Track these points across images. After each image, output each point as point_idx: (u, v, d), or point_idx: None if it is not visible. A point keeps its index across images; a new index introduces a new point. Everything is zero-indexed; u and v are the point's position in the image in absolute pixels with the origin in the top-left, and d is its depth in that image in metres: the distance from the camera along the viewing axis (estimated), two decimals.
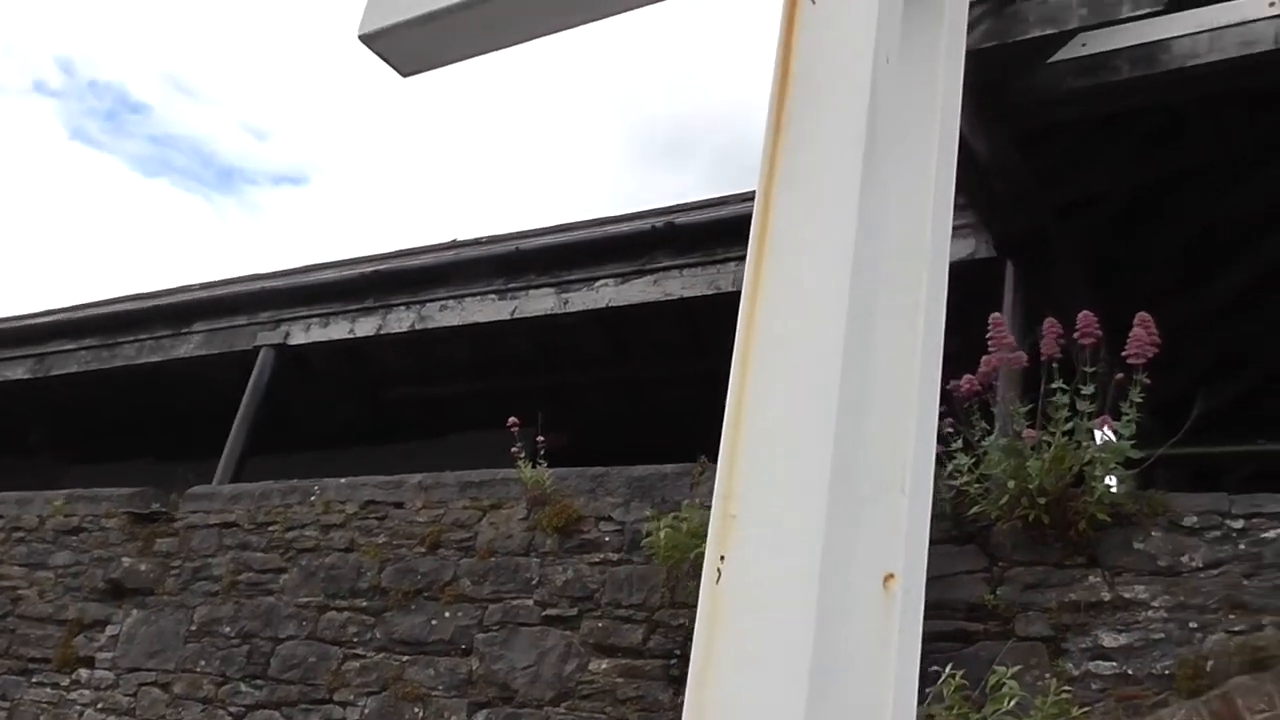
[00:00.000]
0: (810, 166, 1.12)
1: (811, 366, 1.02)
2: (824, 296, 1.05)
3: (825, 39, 1.18)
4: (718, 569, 1.00)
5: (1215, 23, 4.89)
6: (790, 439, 1.01)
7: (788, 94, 1.17)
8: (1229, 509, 4.54)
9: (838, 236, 1.07)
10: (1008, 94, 5.41)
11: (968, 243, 6.35)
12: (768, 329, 1.06)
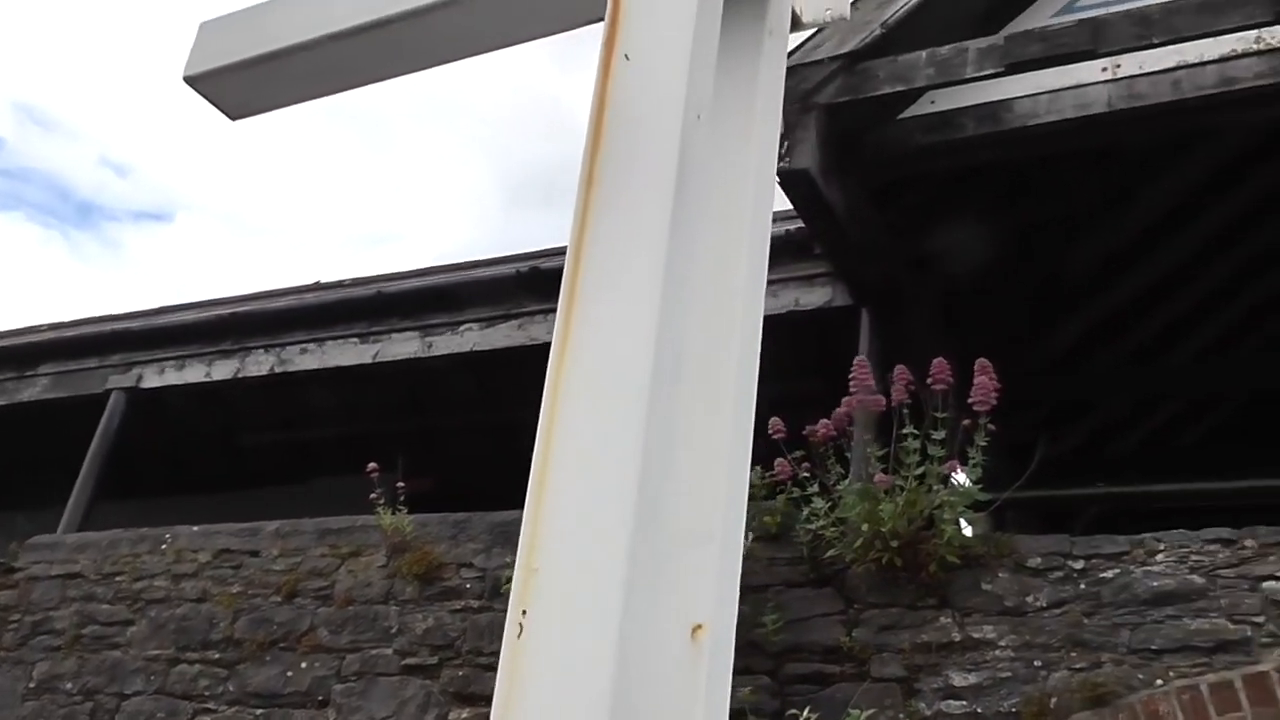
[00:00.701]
0: (620, 220, 1.13)
1: (616, 419, 1.03)
2: (629, 349, 1.06)
3: (637, 94, 1.20)
4: (519, 624, 0.99)
5: (1053, 85, 5.12)
6: (593, 491, 1.01)
7: (600, 148, 1.18)
8: (1071, 550, 4.70)
9: (644, 290, 1.08)
10: (861, 148, 5.57)
11: (825, 290, 6.49)
12: (574, 382, 1.06)
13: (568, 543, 1.00)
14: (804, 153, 5.23)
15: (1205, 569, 4.40)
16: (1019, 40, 4.99)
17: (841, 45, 5.37)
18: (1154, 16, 4.71)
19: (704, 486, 1.14)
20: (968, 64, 5.03)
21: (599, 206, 1.15)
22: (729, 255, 1.26)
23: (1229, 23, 4.57)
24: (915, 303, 6.42)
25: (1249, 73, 4.81)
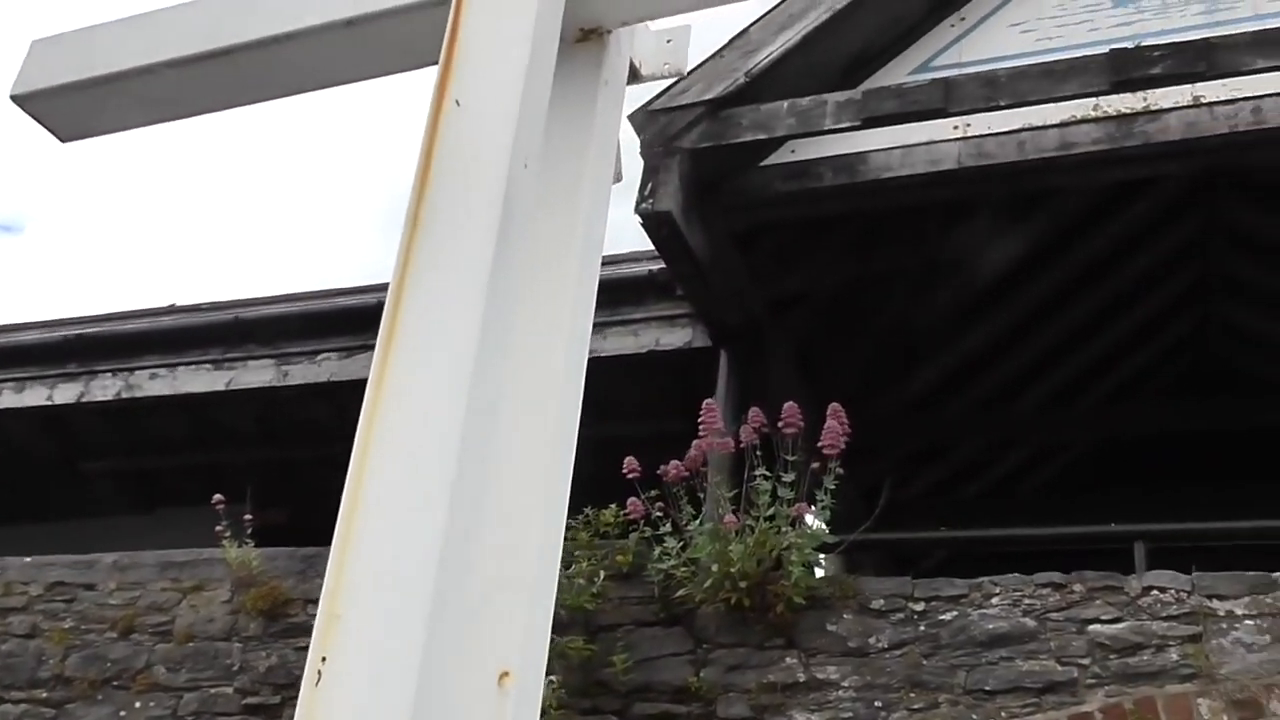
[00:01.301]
0: (441, 265, 1.14)
1: (425, 465, 1.03)
2: (443, 392, 1.06)
3: (466, 140, 1.21)
4: (318, 671, 0.98)
5: (907, 140, 5.29)
6: (399, 537, 1.01)
7: (426, 191, 1.19)
8: (912, 593, 4.82)
9: (462, 336, 1.09)
10: (724, 193, 5.67)
11: (686, 331, 6.57)
12: (386, 427, 1.06)
13: (371, 589, 1.00)
14: (667, 195, 5.29)
15: (1037, 612, 4.56)
16: (876, 96, 5.15)
17: (707, 91, 5.47)
18: (1001, 80, 4.92)
19: (517, 532, 1.14)
20: (826, 116, 5.17)
21: (421, 250, 1.15)
22: (554, 303, 1.27)
23: (1068, 90, 4.80)
24: (775, 345, 6.53)
25: (1087, 138, 5.05)
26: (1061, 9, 5.48)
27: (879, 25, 5.63)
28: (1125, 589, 4.60)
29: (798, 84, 5.51)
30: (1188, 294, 9.44)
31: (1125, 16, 5.33)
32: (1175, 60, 4.69)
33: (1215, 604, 4.46)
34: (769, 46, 5.45)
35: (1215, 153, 5.15)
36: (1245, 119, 4.85)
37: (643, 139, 5.45)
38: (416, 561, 0.99)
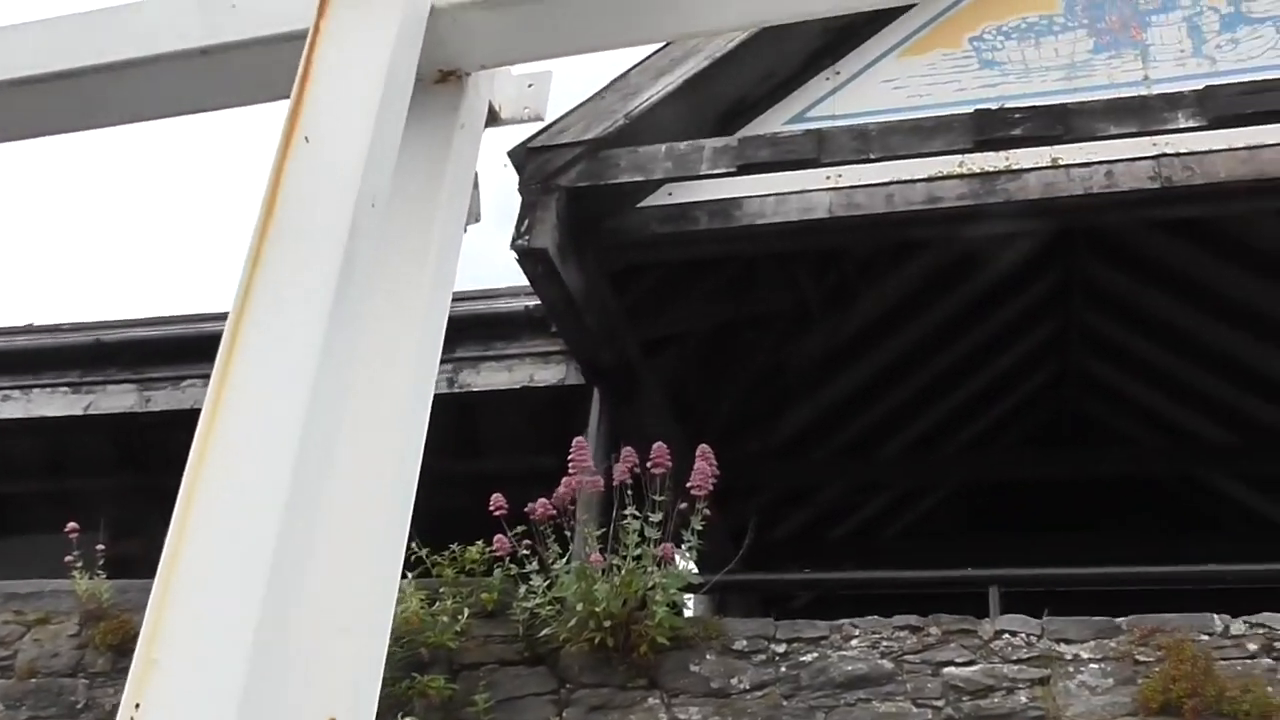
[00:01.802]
0: (280, 305, 1.12)
1: (255, 508, 1.01)
2: (276, 436, 1.04)
3: (313, 177, 1.20)
4: (131, 718, 0.95)
5: (781, 188, 5.40)
6: (223, 580, 0.98)
7: (270, 227, 1.17)
8: (774, 634, 4.87)
9: (297, 378, 1.07)
10: (601, 232, 5.70)
11: (560, 368, 6.57)
12: (214, 467, 1.03)
13: (191, 634, 0.97)
14: (543, 232, 5.30)
15: (894, 654, 4.65)
16: (751, 143, 5.25)
17: (586, 131, 5.51)
18: (872, 134, 5.06)
19: (349, 577, 1.13)
20: (703, 161, 5.25)
21: (261, 288, 1.14)
22: (399, 345, 1.26)
23: (935, 147, 4.96)
24: (648, 385, 6.58)
25: (952, 194, 5.22)
26: (931, 68, 5.67)
27: (757, 75, 5.75)
28: (979, 632, 4.72)
29: (676, 128, 5.58)
30: (1047, 346, 9.80)
31: (990, 78, 5.54)
32: (1035, 123, 4.89)
33: (1063, 647, 4.60)
34: (648, 90, 5.52)
35: (1071, 213, 5.37)
36: (1099, 182, 5.07)
37: (521, 175, 5.46)
38: (239, 607, 0.97)
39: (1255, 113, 4.67)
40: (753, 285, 6.82)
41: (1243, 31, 5.32)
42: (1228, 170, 4.95)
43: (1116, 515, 10.31)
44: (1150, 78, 5.31)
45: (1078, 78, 5.41)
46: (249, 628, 0.96)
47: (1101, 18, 5.55)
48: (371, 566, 1.13)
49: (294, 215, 1.18)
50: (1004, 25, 5.65)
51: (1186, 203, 5.23)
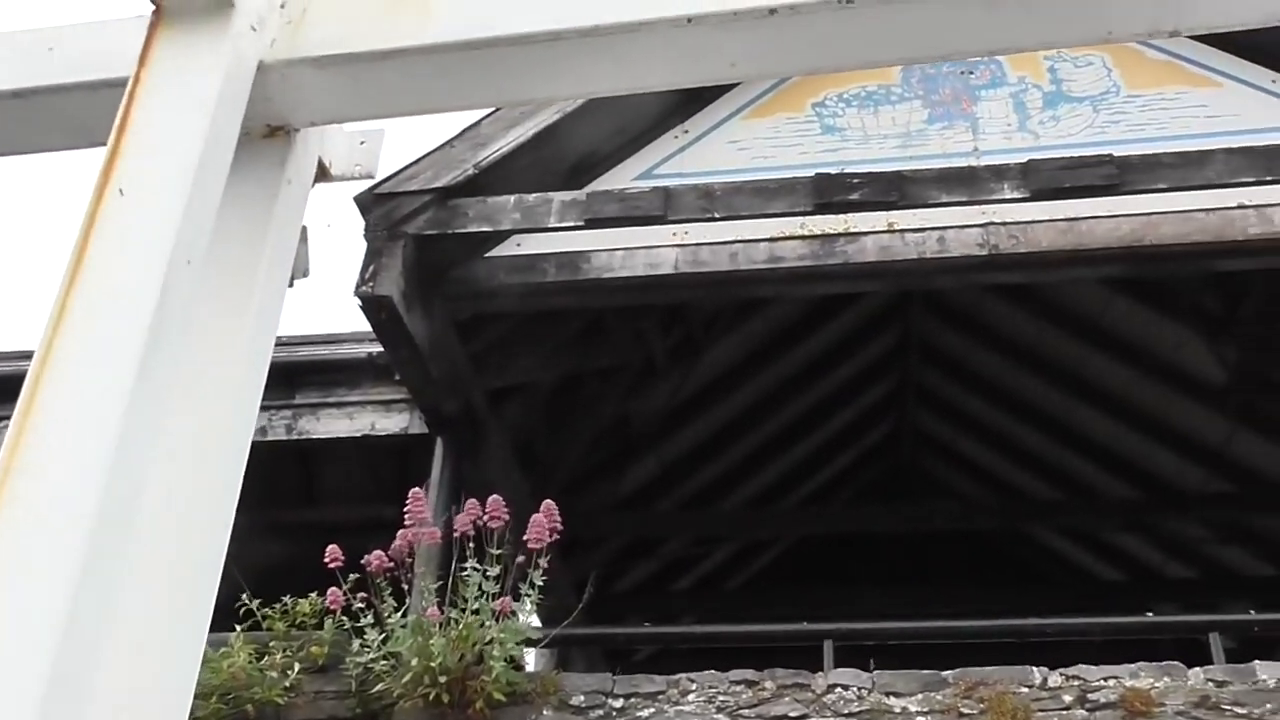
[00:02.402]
0: (85, 361, 1.09)
1: (42, 578, 0.97)
2: (71, 498, 1.01)
3: (126, 231, 1.17)
4: None
5: (628, 243, 5.46)
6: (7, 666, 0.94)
7: (78, 278, 1.14)
8: (612, 689, 4.86)
9: (101, 434, 1.04)
10: (448, 281, 5.66)
11: (403, 417, 6.48)
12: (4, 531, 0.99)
13: None
14: (388, 280, 5.24)
15: (730, 709, 4.69)
16: (599, 198, 5.31)
17: (435, 179, 5.49)
18: (717, 193, 5.17)
19: (139, 660, 1.09)
20: (551, 214, 5.28)
21: (64, 341, 1.10)
22: (211, 404, 1.23)
23: (777, 208, 5.09)
24: (493, 435, 6.53)
25: (793, 254, 5.36)
26: (775, 131, 5.83)
27: (607, 130, 5.82)
28: (813, 686, 4.79)
29: (526, 179, 5.60)
30: (885, 403, 10.10)
31: (832, 144, 5.72)
32: (872, 188, 5.06)
33: (892, 700, 4.71)
34: (499, 141, 5.54)
35: (906, 276, 5.57)
36: (932, 247, 5.28)
37: (367, 221, 5.40)
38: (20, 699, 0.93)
39: (1073, 186, 4.93)
40: (600, 338, 6.86)
41: (1063, 109, 5.63)
42: (1049, 240, 5.21)
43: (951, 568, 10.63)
44: (979, 149, 5.56)
45: (913, 146, 5.64)
46: (39, 699, 0.92)
47: (935, 90, 5.80)
48: (171, 637, 1.10)
49: (104, 269, 1.15)
50: (845, 93, 5.86)
51: (1012, 269, 5.48)
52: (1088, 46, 5.38)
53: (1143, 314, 7.68)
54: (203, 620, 1.15)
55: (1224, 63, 5.64)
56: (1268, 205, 5.12)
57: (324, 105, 1.42)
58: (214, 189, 1.25)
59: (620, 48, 1.37)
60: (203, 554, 1.16)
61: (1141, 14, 1.42)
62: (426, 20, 1.37)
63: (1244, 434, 7.96)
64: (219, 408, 1.24)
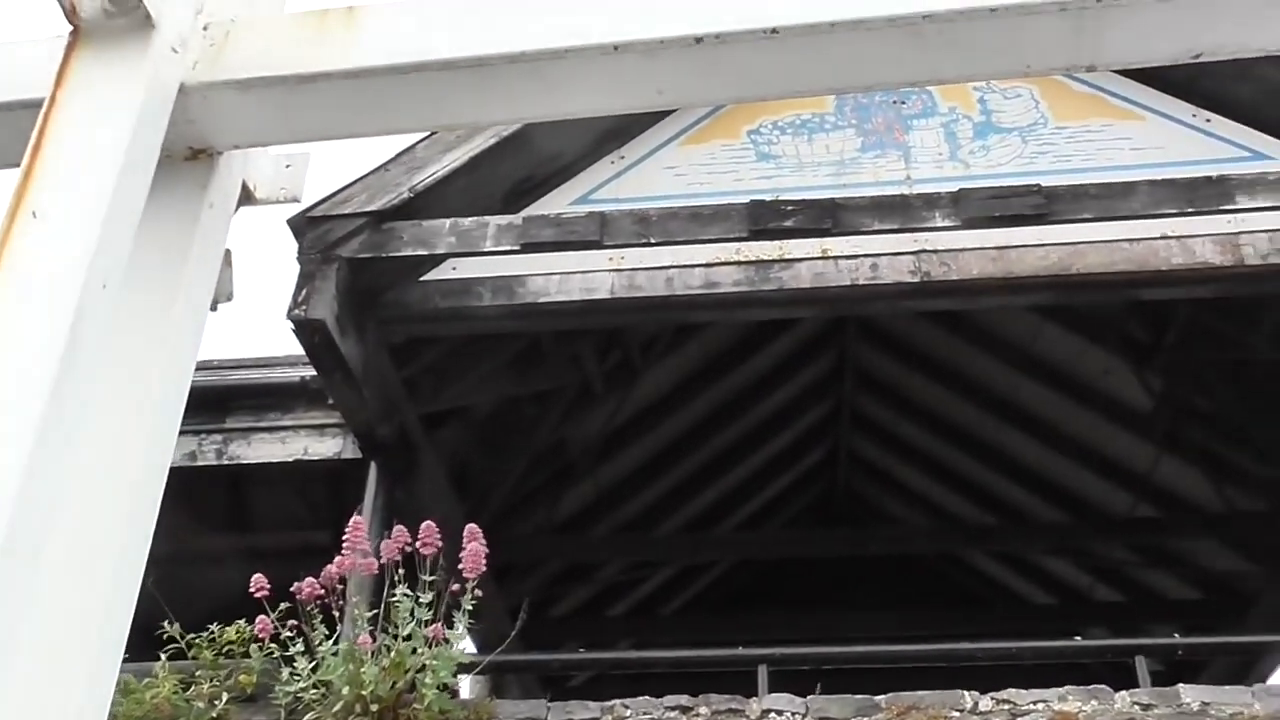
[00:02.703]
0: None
1: None
2: None
3: (40, 254, 1.15)
4: None
5: (564, 268, 5.46)
6: None
7: None
8: (546, 716, 4.82)
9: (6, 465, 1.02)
10: (382, 304, 5.62)
11: (336, 442, 6.41)
12: None
13: None
14: (321, 303, 5.19)
15: None
16: (535, 222, 5.30)
17: (369, 203, 5.46)
18: (653, 219, 5.19)
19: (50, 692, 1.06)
20: (487, 238, 5.26)
21: None
22: (128, 428, 1.21)
23: (712, 234, 5.13)
24: (428, 459, 6.48)
25: (729, 279, 5.39)
26: (711, 158, 5.87)
27: (544, 155, 5.82)
28: (747, 711, 4.79)
29: (462, 203, 5.59)
30: (821, 428, 10.17)
31: (766, 171, 5.77)
32: (806, 215, 5.11)
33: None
34: (435, 165, 5.52)
35: (840, 302, 5.62)
36: (865, 274, 5.34)
37: (300, 244, 5.35)
38: None
39: (1002, 216, 5.02)
40: (536, 362, 6.84)
41: (993, 140, 5.74)
42: (979, 268, 5.29)
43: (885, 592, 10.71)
44: (912, 178, 5.64)
45: (846, 174, 5.70)
46: None
47: (869, 119, 5.88)
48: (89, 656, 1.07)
49: (17, 293, 1.13)
50: (780, 120, 5.92)
51: (943, 296, 5.55)
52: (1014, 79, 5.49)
53: (1072, 341, 7.81)
54: (116, 647, 1.13)
55: (1147, 97, 5.78)
56: (1189, 236, 5.24)
57: (247, 128, 1.41)
58: (132, 212, 1.23)
59: (547, 74, 1.37)
60: (118, 578, 1.14)
61: (1058, 50, 1.45)
62: (352, 44, 1.37)
63: (1169, 460, 8.12)
64: (136, 432, 1.21)
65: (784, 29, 1.38)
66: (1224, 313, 6.58)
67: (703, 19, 1.37)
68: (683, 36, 1.37)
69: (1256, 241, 5.21)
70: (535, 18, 1.35)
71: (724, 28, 1.37)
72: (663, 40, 1.36)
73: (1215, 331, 6.80)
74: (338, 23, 1.38)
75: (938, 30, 1.41)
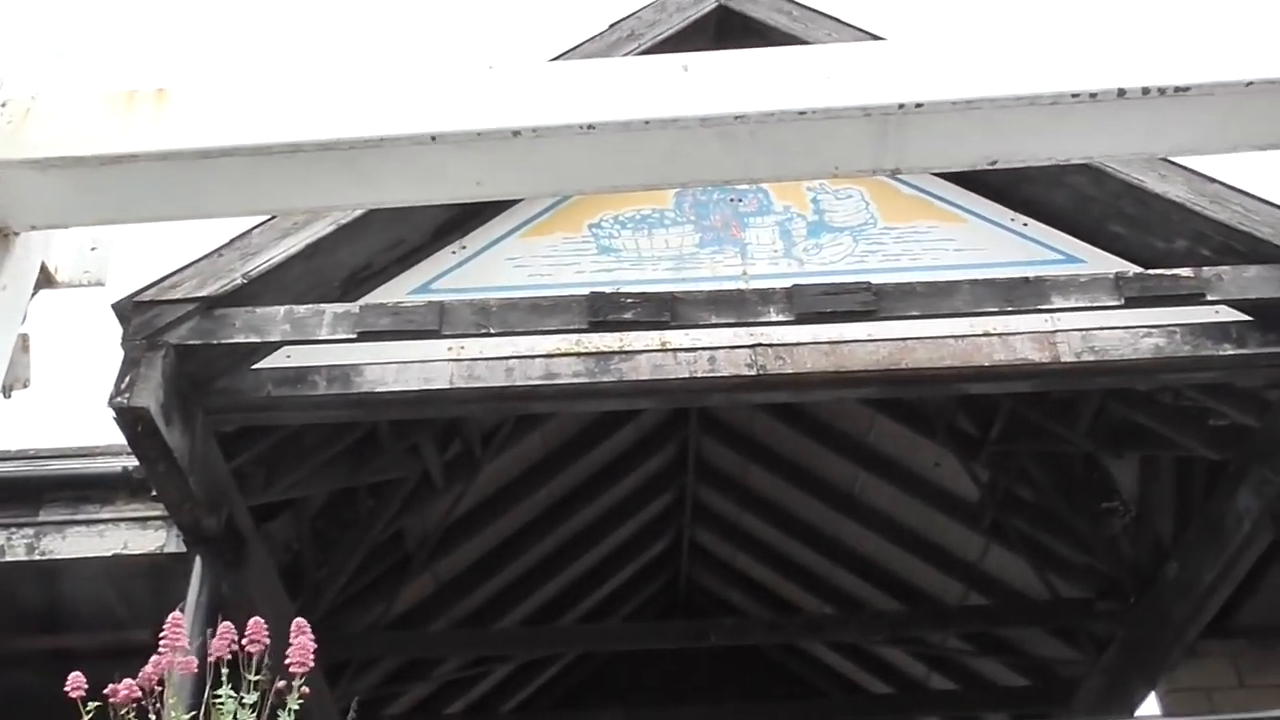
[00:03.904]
0: None
1: None
2: None
3: None
4: None
5: (403, 357, 5.39)
6: None
7: None
8: None
9: None
10: (212, 392, 5.45)
11: (159, 534, 6.15)
12: None
13: None
14: (146, 391, 5.00)
15: None
16: (373, 311, 5.23)
17: (201, 288, 5.31)
18: (492, 309, 5.18)
19: None
20: (323, 326, 5.17)
21: None
22: None
23: (552, 325, 5.14)
24: (258, 553, 6.25)
25: (569, 370, 5.40)
26: (553, 250, 5.91)
27: (384, 243, 5.77)
28: None
29: (298, 290, 5.49)
30: (664, 519, 10.22)
31: (607, 263, 5.84)
32: (645, 308, 5.18)
33: None
34: (271, 251, 5.42)
35: (678, 394, 5.68)
36: (703, 366, 5.41)
37: (125, 330, 5.17)
38: None
39: (834, 312, 5.17)
40: (374, 452, 6.70)
41: (825, 238, 5.93)
42: (813, 362, 5.43)
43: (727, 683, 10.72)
44: (748, 274, 5.78)
45: (685, 269, 5.81)
46: None
47: (707, 216, 6.03)
48: None
49: None
50: (621, 215, 6.02)
51: (779, 389, 5.67)
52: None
53: (904, 433, 8.06)
54: None
55: (970, 200, 6.07)
56: (1010, 334, 5.49)
57: (47, 208, 1.37)
58: None
59: (362, 162, 1.37)
60: None
61: (863, 153, 1.51)
62: (161, 125, 1.34)
63: (996, 549, 8.39)
64: None
65: (600, 125, 1.41)
66: (1043, 407, 6.88)
67: (520, 113, 1.39)
68: (500, 129, 1.38)
69: (1071, 340, 5.48)
70: (351, 105, 1.35)
71: (541, 122, 1.39)
72: (480, 132, 1.38)
73: (1036, 425, 7.10)
74: (147, 103, 1.35)
75: (749, 131, 1.46)
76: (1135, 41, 1.51)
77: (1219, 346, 5.40)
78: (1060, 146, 1.54)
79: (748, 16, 6.40)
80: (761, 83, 1.47)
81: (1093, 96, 1.46)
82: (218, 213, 1.45)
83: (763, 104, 1.44)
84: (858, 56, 1.54)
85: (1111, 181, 5.70)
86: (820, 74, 1.50)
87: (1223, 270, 5.28)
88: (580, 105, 1.41)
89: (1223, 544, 6.13)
